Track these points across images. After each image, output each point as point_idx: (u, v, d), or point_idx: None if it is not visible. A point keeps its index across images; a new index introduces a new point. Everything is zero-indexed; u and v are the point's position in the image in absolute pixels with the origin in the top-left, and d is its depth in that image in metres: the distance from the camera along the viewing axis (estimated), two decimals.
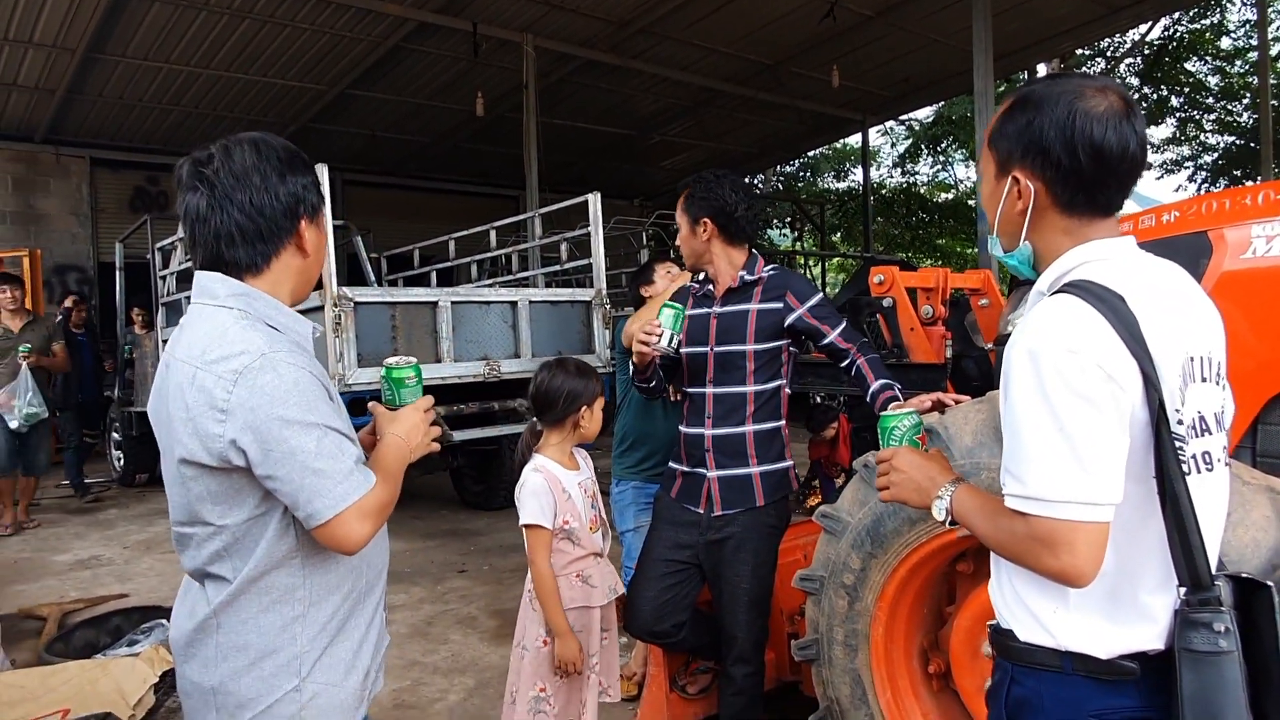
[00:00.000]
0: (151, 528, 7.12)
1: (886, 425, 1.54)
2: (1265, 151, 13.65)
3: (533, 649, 2.48)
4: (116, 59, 10.28)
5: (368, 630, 1.53)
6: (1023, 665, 1.27)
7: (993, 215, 1.33)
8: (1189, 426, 1.21)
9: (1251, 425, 2.20)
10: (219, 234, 1.39)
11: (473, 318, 5.59)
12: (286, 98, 12.07)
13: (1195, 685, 1.12)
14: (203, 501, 1.36)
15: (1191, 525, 1.13)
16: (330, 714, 1.44)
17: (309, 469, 1.31)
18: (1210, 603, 1.13)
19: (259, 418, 1.29)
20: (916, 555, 2.25)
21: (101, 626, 4.34)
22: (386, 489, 1.43)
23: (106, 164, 13.24)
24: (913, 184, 22.83)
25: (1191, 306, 1.26)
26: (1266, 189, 2.23)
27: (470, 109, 11.30)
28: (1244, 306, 2.18)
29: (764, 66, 12.75)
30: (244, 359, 1.31)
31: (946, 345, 3.14)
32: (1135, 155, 1.22)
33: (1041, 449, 1.13)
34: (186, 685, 1.46)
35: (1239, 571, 1.25)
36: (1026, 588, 1.26)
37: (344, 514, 1.34)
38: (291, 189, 1.43)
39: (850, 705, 2.41)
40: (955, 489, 1.32)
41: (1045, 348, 1.14)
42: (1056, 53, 14.80)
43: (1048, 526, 1.12)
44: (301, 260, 1.48)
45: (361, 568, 1.50)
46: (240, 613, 1.39)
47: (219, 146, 1.42)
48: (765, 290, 2.63)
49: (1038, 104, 1.23)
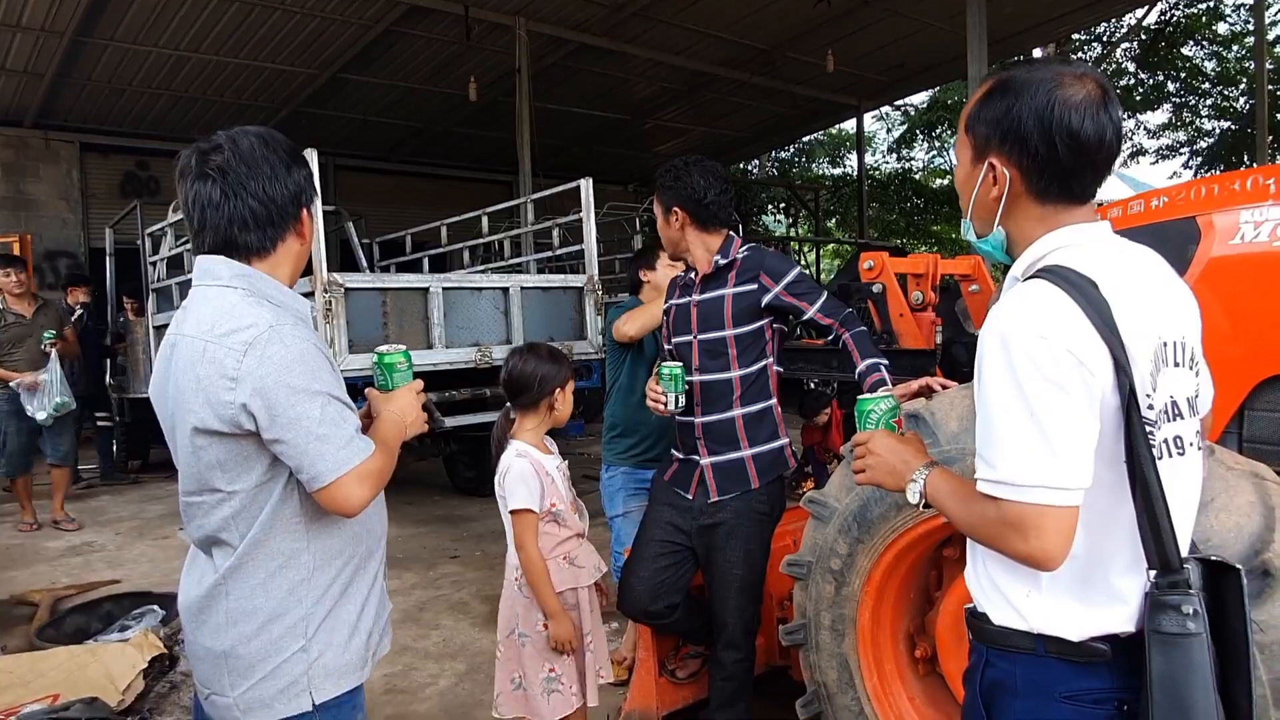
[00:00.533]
0: (144, 514, 7.12)
1: (863, 408, 1.55)
2: (1261, 137, 13.65)
3: (534, 634, 2.50)
4: (105, 43, 10.18)
5: (369, 594, 1.60)
6: (997, 648, 1.28)
7: (967, 199, 1.33)
8: (1160, 411, 1.21)
9: (1238, 411, 2.20)
10: (233, 219, 1.48)
11: (464, 304, 5.57)
12: (277, 82, 11.97)
13: (1164, 666, 1.13)
14: (213, 469, 1.44)
15: (1161, 509, 1.14)
16: (336, 674, 1.52)
17: (313, 434, 1.40)
18: (1179, 585, 1.14)
19: (268, 384, 1.38)
20: (903, 540, 2.26)
21: (93, 612, 4.35)
22: (384, 457, 1.51)
23: (96, 149, 13.15)
24: (908, 169, 22.79)
25: (1165, 292, 1.26)
26: (1255, 174, 2.22)
27: (463, 93, 11.23)
28: (1232, 292, 2.18)
29: (758, 51, 12.69)
30: (253, 331, 1.40)
31: (936, 331, 3.13)
32: (1111, 144, 1.22)
33: (1012, 434, 1.14)
34: (198, 650, 1.53)
35: (1208, 554, 1.26)
36: (1000, 572, 1.27)
37: (345, 477, 1.42)
38: (296, 179, 1.54)
39: (837, 689, 2.42)
40: (929, 472, 1.33)
41: (1017, 333, 1.14)
42: (1052, 37, 14.74)
43: (1017, 511, 1.13)
44: (300, 245, 1.59)
45: (361, 534, 1.58)
46: (248, 578, 1.47)
47: (226, 138, 1.51)
48: (740, 273, 2.62)
49: (1017, 90, 1.23)
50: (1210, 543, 1.69)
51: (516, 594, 2.54)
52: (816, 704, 2.48)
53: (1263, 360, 2.15)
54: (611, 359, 3.63)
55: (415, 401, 1.70)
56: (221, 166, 1.47)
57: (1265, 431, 2.18)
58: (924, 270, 3.22)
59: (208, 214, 1.48)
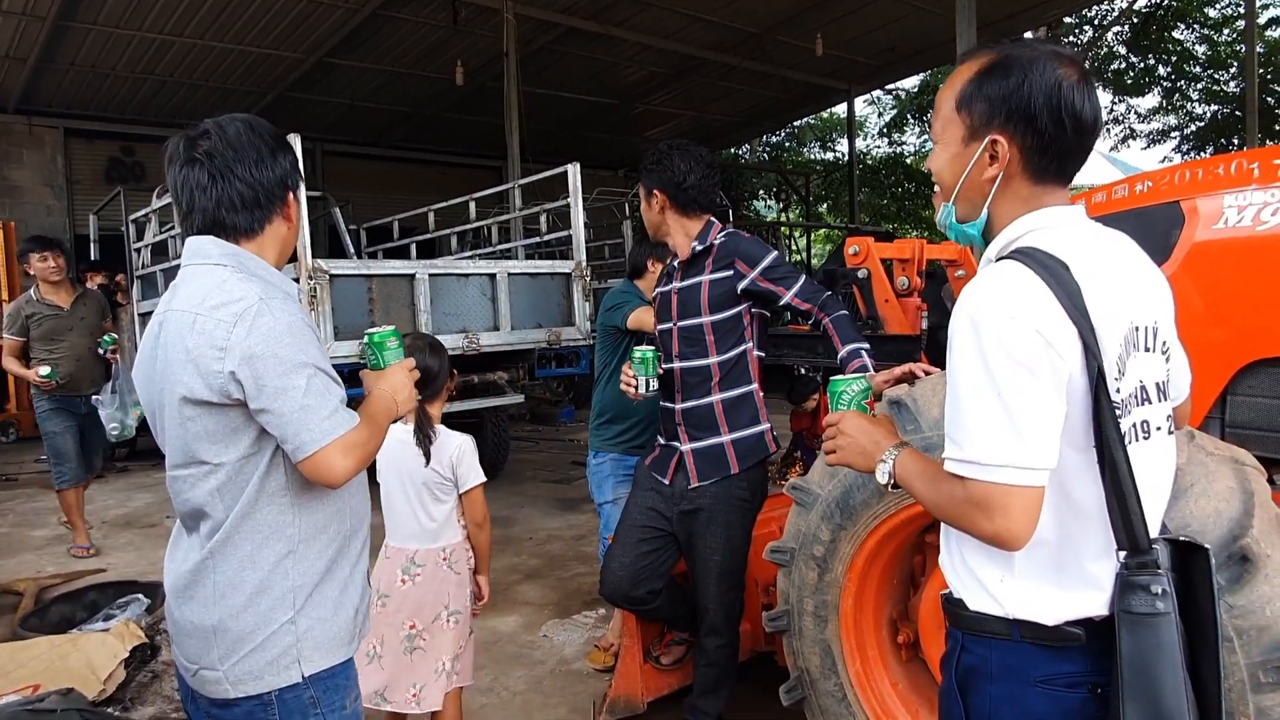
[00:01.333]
0: (130, 503, 7.08)
1: (835, 389, 1.55)
2: (1250, 121, 13.65)
3: (464, 610, 2.58)
4: (88, 26, 10.06)
5: (353, 571, 1.63)
6: (972, 633, 1.29)
7: (952, 182, 1.30)
8: (1129, 395, 1.21)
9: (1221, 396, 2.20)
10: (221, 201, 1.53)
11: (451, 290, 5.54)
12: (263, 66, 11.86)
13: (1133, 645, 1.14)
14: (200, 440, 1.47)
15: (1129, 490, 1.14)
16: (323, 647, 1.54)
17: (299, 404, 1.43)
18: (1148, 566, 1.15)
19: (256, 354, 1.41)
20: (885, 527, 2.25)
21: (77, 602, 4.33)
22: (368, 431, 1.54)
23: (80, 134, 13.03)
24: (899, 154, 22.75)
25: (1138, 276, 1.26)
26: (1239, 159, 2.21)
27: (450, 78, 11.13)
28: (1215, 277, 2.17)
29: (748, 35, 12.61)
30: (242, 304, 1.44)
31: (922, 317, 3.12)
32: (1099, 125, 1.23)
33: (979, 414, 1.14)
34: (185, 627, 1.54)
35: (1177, 535, 1.26)
36: (975, 557, 1.27)
37: (328, 447, 1.45)
38: (281, 163, 1.59)
39: (820, 675, 2.42)
40: (898, 453, 1.34)
41: (986, 314, 1.14)
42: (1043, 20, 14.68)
43: (983, 490, 1.13)
44: (287, 228, 1.63)
45: (345, 512, 1.61)
46: (235, 551, 1.49)
47: (213, 124, 1.55)
48: (716, 259, 2.60)
49: (1024, 67, 1.20)
50: (1190, 528, 1.69)
51: (446, 573, 2.55)
52: (799, 690, 2.48)
53: (1246, 345, 2.14)
54: (603, 345, 3.61)
55: (407, 379, 1.74)
56: (209, 151, 1.52)
57: (1247, 416, 2.17)
58: (910, 255, 3.20)
59: (196, 196, 1.53)
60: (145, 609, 4.06)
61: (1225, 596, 1.64)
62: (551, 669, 3.64)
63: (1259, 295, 2.12)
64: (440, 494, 2.55)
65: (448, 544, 2.57)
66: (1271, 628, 1.61)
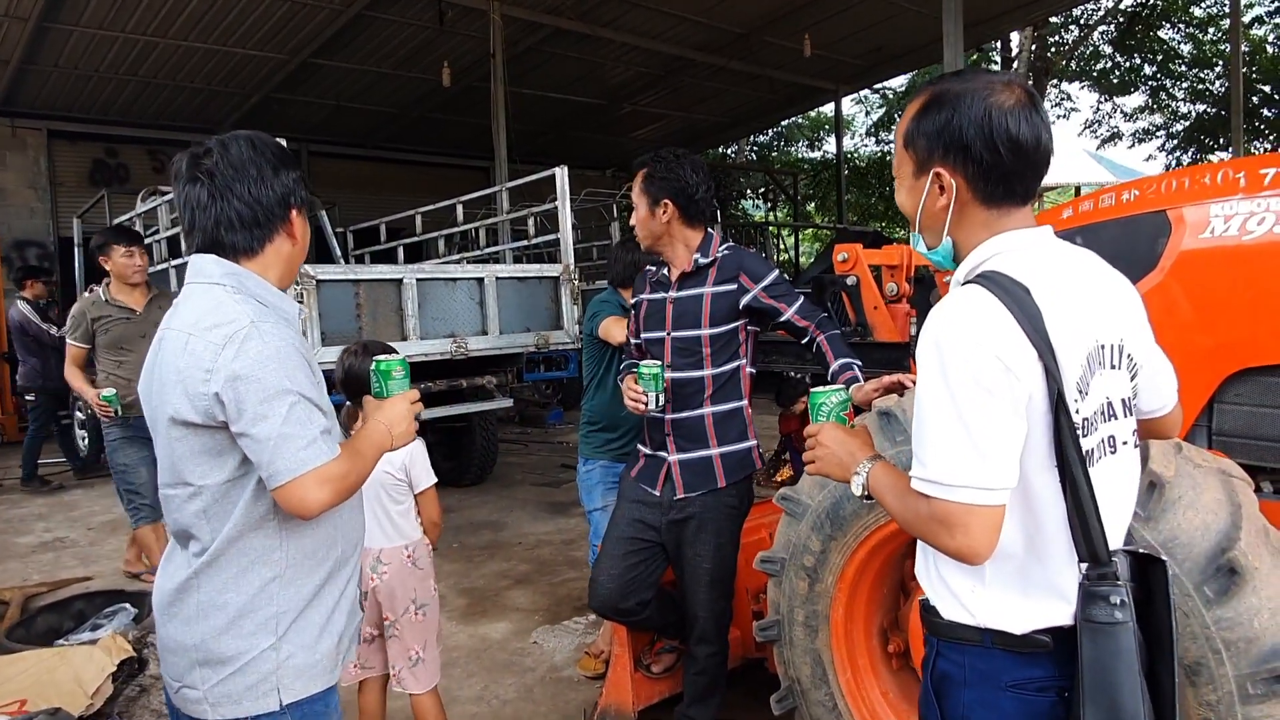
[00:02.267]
0: (117, 509, 6.99)
1: (815, 401, 1.58)
2: (1235, 120, 13.74)
3: (431, 601, 2.69)
4: (70, 28, 9.97)
5: (341, 598, 1.61)
6: (947, 640, 1.34)
7: (914, 214, 1.36)
8: (1095, 412, 1.26)
9: (1208, 404, 2.21)
10: (219, 220, 1.52)
11: (439, 295, 5.52)
12: (248, 67, 11.78)
13: (1093, 652, 1.20)
14: (186, 461, 1.47)
15: (1089, 508, 1.19)
16: (304, 675, 1.53)
17: (276, 431, 1.41)
18: (1108, 577, 1.21)
19: (240, 377, 1.40)
20: (875, 537, 2.26)
21: (64, 611, 4.28)
22: (350, 463, 1.51)
23: (64, 135, 12.90)
24: (886, 153, 22.80)
25: (1102, 294, 1.31)
26: (1225, 168, 2.22)
27: (437, 79, 11.09)
28: (1201, 286, 2.19)
29: (736, 35, 12.61)
30: (234, 326, 1.43)
31: (911, 323, 3.12)
32: (1046, 145, 1.26)
33: (941, 435, 1.18)
34: (170, 643, 1.54)
35: (1136, 548, 1.33)
36: (947, 568, 1.32)
37: (302, 477, 1.42)
38: (284, 181, 1.57)
39: (811, 685, 2.42)
40: (872, 466, 1.38)
41: (948, 338, 1.19)
42: (1029, 20, 14.76)
43: (945, 509, 1.18)
44: (291, 247, 1.61)
45: (336, 538, 1.59)
46: (220, 573, 1.48)
47: (216, 142, 1.56)
48: (720, 272, 2.60)
49: (953, 102, 1.27)
50: (1178, 540, 1.70)
51: (412, 569, 2.65)
52: (790, 699, 2.49)
53: (1232, 353, 2.16)
54: (590, 354, 3.59)
55: (408, 411, 1.72)
56: (210, 170, 1.52)
57: (1234, 424, 2.19)
58: (898, 262, 3.21)
59: (197, 215, 1.53)
60: (133, 619, 4.02)
61: (1213, 609, 1.65)
62: (542, 676, 3.63)
63: (1245, 304, 2.13)
64: (396, 495, 2.65)
65: (410, 541, 2.68)
66: (1259, 639, 1.62)
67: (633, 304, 2.82)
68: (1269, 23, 17.92)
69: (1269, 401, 2.12)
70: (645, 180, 2.62)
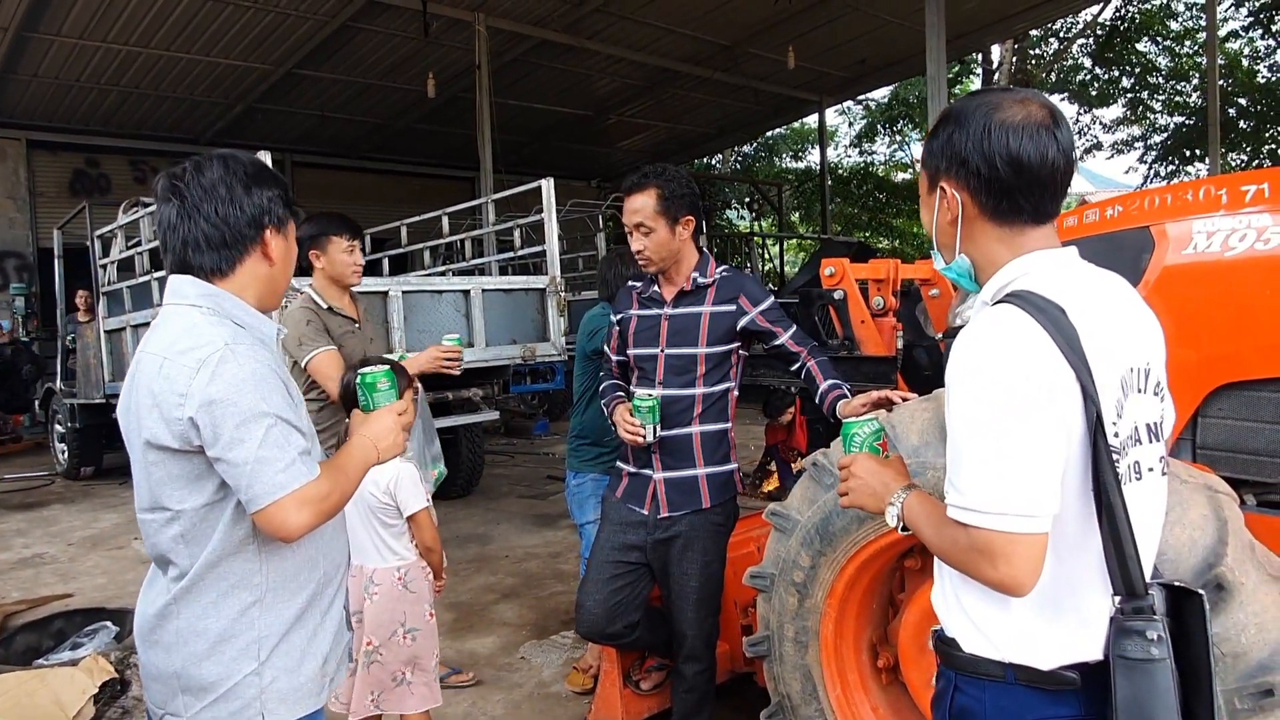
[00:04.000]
0: (97, 524, 6.95)
1: (848, 431, 1.54)
2: (1212, 132, 13.92)
3: (424, 625, 2.63)
4: (51, 37, 9.93)
5: (325, 619, 1.58)
6: (967, 674, 1.28)
7: (931, 231, 1.35)
8: (1126, 438, 1.21)
9: (1191, 418, 2.23)
10: (186, 240, 1.50)
11: (425, 307, 5.51)
12: (231, 77, 11.75)
13: (1129, 691, 1.14)
14: (163, 485, 1.44)
15: (1126, 536, 1.14)
16: (289, 700, 1.51)
17: (253, 455, 1.38)
18: (1144, 611, 1.15)
19: (215, 400, 1.38)
20: (865, 552, 2.25)
21: (44, 630, 4.22)
22: (331, 483, 1.48)
23: (44, 145, 12.83)
24: (870, 164, 22.96)
25: (1132, 318, 1.27)
26: (1207, 184, 2.25)
27: (422, 89, 11.10)
28: (1184, 301, 2.20)
29: (721, 47, 12.69)
30: (208, 349, 1.41)
31: (898, 337, 3.14)
32: (1055, 162, 1.22)
33: (979, 460, 1.14)
34: (151, 670, 1.52)
35: (1172, 580, 1.26)
36: (970, 597, 1.27)
37: (282, 501, 1.40)
38: (256, 201, 1.53)
39: (801, 701, 2.41)
40: (906, 496, 1.33)
41: (985, 360, 1.15)
42: (1010, 34, 14.94)
43: (986, 538, 1.13)
44: (268, 268, 1.57)
45: (318, 559, 1.57)
46: (199, 599, 1.46)
47: (192, 162, 1.54)
48: (719, 292, 2.61)
49: (957, 119, 1.27)
50: (1165, 556, 1.70)
51: (402, 593, 2.61)
52: (781, 715, 2.48)
53: (1215, 368, 2.18)
54: (582, 368, 3.58)
55: (394, 425, 1.67)
56: (181, 190, 1.50)
57: (1217, 438, 2.21)
58: (884, 276, 3.22)
59: (168, 235, 1.52)
60: (114, 637, 3.97)
61: None
62: (530, 692, 3.61)
63: (1227, 320, 2.15)
64: (385, 518, 2.61)
65: (402, 564, 2.63)
66: (1246, 654, 1.63)
67: (617, 320, 2.80)
68: (1244, 37, 18.21)
69: (1252, 415, 2.14)
70: (662, 200, 2.52)
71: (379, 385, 1.71)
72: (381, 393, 1.71)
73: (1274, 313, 2.09)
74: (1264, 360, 2.11)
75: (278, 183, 1.60)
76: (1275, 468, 2.10)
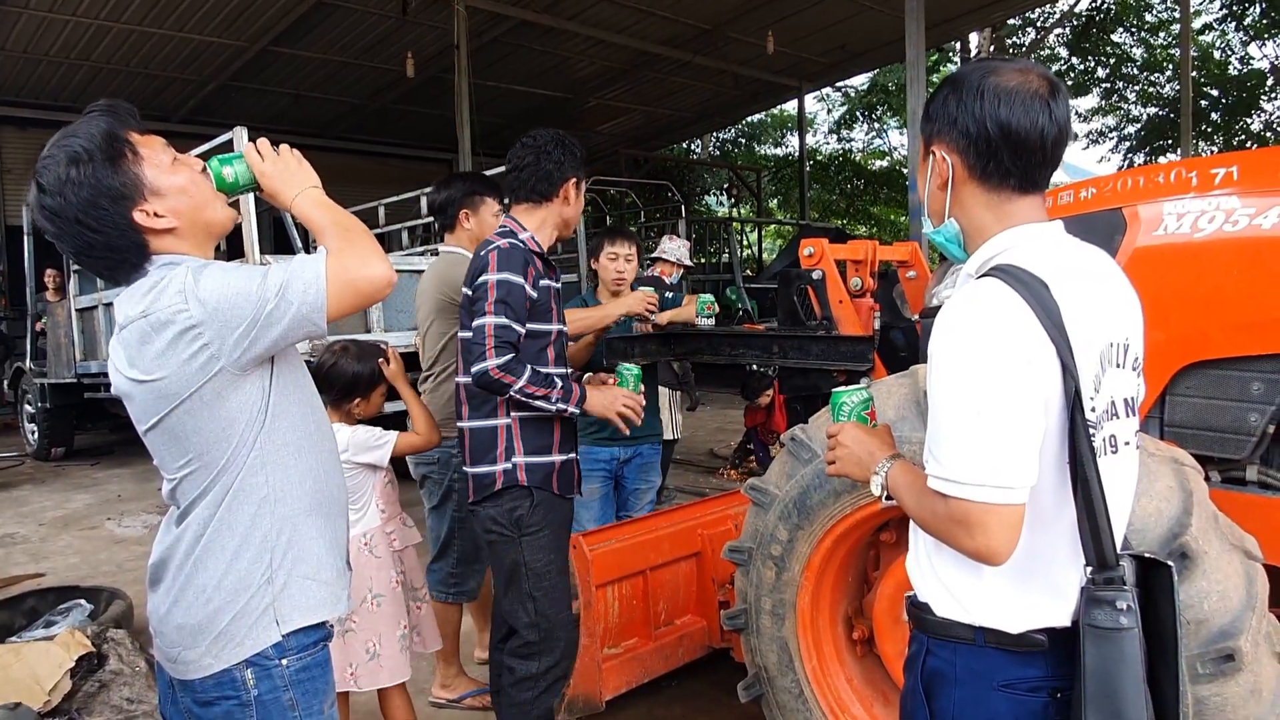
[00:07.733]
0: (69, 504, 6.88)
1: (837, 400, 1.56)
2: (1185, 123, 14.11)
3: (389, 593, 2.64)
4: (19, 10, 9.71)
5: (333, 540, 1.60)
6: (938, 638, 1.32)
7: (924, 194, 1.36)
8: (1103, 411, 1.24)
9: (1160, 396, 2.28)
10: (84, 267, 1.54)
11: (402, 286, 5.43)
12: (204, 54, 11.55)
13: (1097, 659, 1.17)
14: (172, 434, 1.43)
15: (1100, 508, 1.17)
16: (301, 604, 1.51)
17: (271, 290, 1.37)
18: (1114, 581, 1.18)
19: (206, 297, 1.36)
20: (841, 526, 2.29)
21: (16, 609, 4.17)
22: (338, 214, 1.59)
23: (12, 121, 12.57)
24: (848, 151, 23.04)
25: (1114, 293, 1.29)
26: (1178, 167, 2.29)
27: (400, 69, 10.97)
28: (1155, 281, 2.24)
29: (701, 31, 12.66)
30: (178, 278, 1.39)
31: (875, 317, 3.17)
32: (1045, 130, 1.22)
33: (958, 432, 1.16)
34: (163, 607, 1.50)
35: (1142, 551, 1.31)
36: (943, 564, 1.30)
37: (333, 268, 1.41)
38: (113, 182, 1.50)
39: (778, 672, 2.45)
40: (891, 465, 1.35)
41: (967, 332, 1.17)
42: (988, 22, 15.00)
43: (963, 508, 1.15)
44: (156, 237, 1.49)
45: (319, 470, 1.57)
46: (211, 519, 1.46)
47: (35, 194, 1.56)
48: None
49: (955, 83, 1.29)
50: (1132, 526, 1.74)
51: (368, 558, 2.62)
52: (758, 686, 2.52)
53: (1183, 347, 2.22)
54: None
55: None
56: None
57: (1185, 416, 2.26)
58: (863, 257, 3.25)
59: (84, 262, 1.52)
60: (88, 615, 3.94)
61: None
62: None
63: (1196, 300, 2.20)
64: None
65: (367, 529, 2.65)
66: (1208, 621, 1.68)
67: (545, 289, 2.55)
68: (1217, 29, 18.42)
69: (1218, 394, 2.19)
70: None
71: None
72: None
73: (1240, 293, 2.13)
74: (1230, 340, 2.16)
75: (125, 147, 1.57)
76: (1239, 444, 2.16)
